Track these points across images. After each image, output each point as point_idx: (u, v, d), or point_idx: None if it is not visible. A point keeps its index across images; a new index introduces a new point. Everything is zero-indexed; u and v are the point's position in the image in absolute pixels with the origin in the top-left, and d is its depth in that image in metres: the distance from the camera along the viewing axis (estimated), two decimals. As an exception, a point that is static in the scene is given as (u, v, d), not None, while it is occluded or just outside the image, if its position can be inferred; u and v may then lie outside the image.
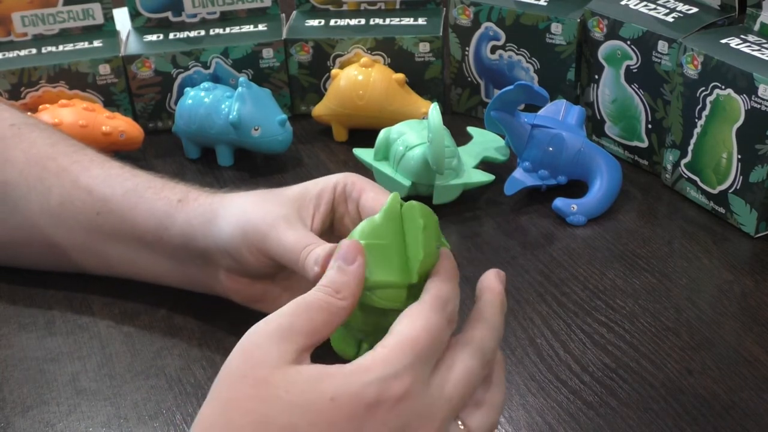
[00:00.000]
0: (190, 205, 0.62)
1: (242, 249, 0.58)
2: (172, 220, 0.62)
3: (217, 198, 0.62)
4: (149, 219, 0.63)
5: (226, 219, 0.59)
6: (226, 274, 0.62)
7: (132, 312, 0.67)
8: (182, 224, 0.62)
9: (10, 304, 0.68)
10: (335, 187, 0.58)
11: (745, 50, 0.73)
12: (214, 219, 0.60)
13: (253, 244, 0.57)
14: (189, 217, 0.62)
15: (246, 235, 0.58)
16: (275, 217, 0.57)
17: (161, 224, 0.63)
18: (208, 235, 0.60)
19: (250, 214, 0.58)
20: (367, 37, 0.90)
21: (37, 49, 0.90)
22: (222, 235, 0.59)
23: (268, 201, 0.59)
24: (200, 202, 0.62)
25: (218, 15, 0.94)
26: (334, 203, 0.58)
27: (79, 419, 0.58)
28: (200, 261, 0.62)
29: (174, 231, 0.62)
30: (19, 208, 0.67)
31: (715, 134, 0.75)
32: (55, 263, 0.69)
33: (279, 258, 0.56)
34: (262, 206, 0.58)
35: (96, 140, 0.83)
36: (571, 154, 0.78)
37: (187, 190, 0.64)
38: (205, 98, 0.84)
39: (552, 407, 0.58)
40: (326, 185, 0.59)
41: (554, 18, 0.84)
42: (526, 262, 0.72)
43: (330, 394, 0.42)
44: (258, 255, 0.58)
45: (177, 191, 0.64)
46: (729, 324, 0.65)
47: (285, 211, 0.57)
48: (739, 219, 0.75)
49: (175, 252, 0.63)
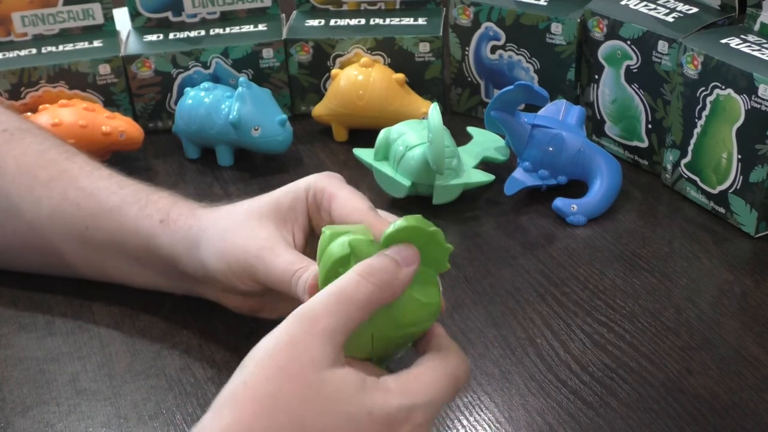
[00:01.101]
0: (170, 228, 0.61)
1: (230, 278, 0.58)
2: (157, 241, 0.62)
3: (196, 220, 0.61)
4: (136, 239, 0.63)
5: (208, 249, 0.59)
6: (220, 293, 0.62)
7: (132, 312, 0.67)
8: (167, 246, 0.61)
9: (10, 304, 0.68)
10: (306, 195, 0.58)
11: (745, 50, 0.73)
12: (196, 245, 0.59)
13: (241, 275, 0.57)
14: (172, 240, 0.61)
15: (231, 267, 0.57)
16: (258, 247, 0.56)
17: (148, 245, 0.62)
18: (193, 259, 0.60)
19: (231, 246, 0.57)
20: (367, 37, 0.90)
21: (37, 49, 0.90)
22: (207, 265, 0.59)
23: (246, 224, 0.58)
24: (180, 225, 0.61)
25: (218, 15, 0.94)
26: (309, 213, 0.58)
27: (79, 419, 0.58)
28: (192, 279, 0.62)
29: (161, 252, 0.62)
30: (13, 215, 0.67)
31: (715, 134, 0.75)
32: (53, 268, 0.69)
33: (270, 285, 0.56)
34: (241, 232, 0.57)
35: (96, 140, 0.83)
36: (571, 154, 0.78)
37: (169, 208, 0.62)
38: (205, 98, 0.84)
39: (552, 407, 0.58)
40: (297, 195, 0.58)
41: (554, 18, 0.84)
42: (526, 262, 0.72)
43: (369, 409, 0.45)
44: (247, 282, 0.57)
45: (160, 207, 0.62)
46: (729, 324, 0.65)
47: (266, 234, 0.57)
48: (739, 219, 0.75)
49: (166, 269, 0.63)
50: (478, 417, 0.58)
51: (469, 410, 0.58)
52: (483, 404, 0.58)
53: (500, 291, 0.69)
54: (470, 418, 0.57)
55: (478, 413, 0.58)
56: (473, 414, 0.58)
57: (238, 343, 0.63)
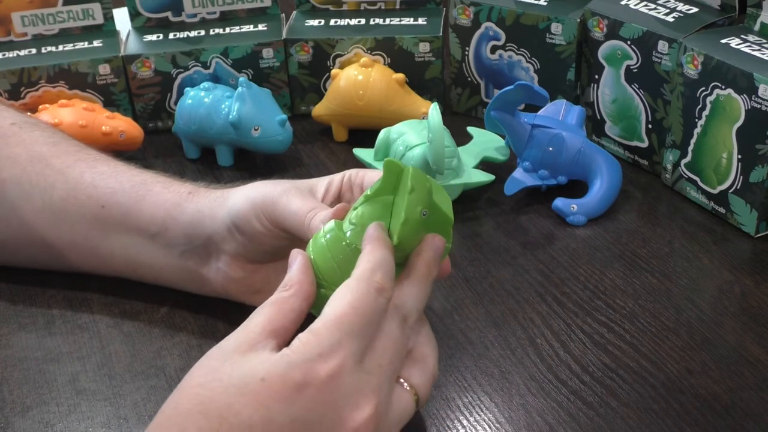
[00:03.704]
0: (201, 195, 0.64)
1: (251, 217, 0.59)
2: (181, 209, 0.63)
3: (228, 189, 0.63)
4: (157, 209, 0.64)
5: (236, 195, 0.61)
6: (229, 261, 0.62)
7: (132, 312, 0.67)
8: (191, 212, 0.63)
9: (10, 304, 0.68)
10: (342, 178, 0.60)
11: (745, 50, 0.73)
12: (224, 202, 0.62)
13: (263, 210, 0.59)
14: (199, 206, 0.63)
15: (255, 203, 0.59)
16: (286, 188, 0.59)
17: (169, 214, 0.64)
18: (216, 218, 0.61)
19: (261, 187, 0.60)
20: (367, 37, 0.90)
21: (37, 49, 0.90)
22: (230, 212, 0.61)
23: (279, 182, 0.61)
24: (210, 192, 0.64)
25: (218, 15, 0.94)
26: (341, 192, 0.60)
27: (78, 419, 0.58)
28: (202, 251, 0.63)
29: (182, 219, 0.63)
30: (19, 206, 0.67)
31: (715, 134, 0.75)
32: (53, 263, 0.69)
33: (285, 223, 0.58)
34: (273, 183, 0.60)
35: (96, 140, 0.83)
36: (571, 154, 0.78)
37: (197, 185, 0.65)
38: (205, 98, 0.84)
39: (552, 407, 0.58)
40: (334, 177, 0.61)
41: (554, 18, 0.84)
42: (526, 262, 0.72)
43: (261, 375, 0.45)
44: (266, 223, 0.59)
45: (187, 186, 0.65)
46: (729, 324, 0.65)
47: (296, 186, 0.59)
48: (739, 219, 0.75)
49: (177, 243, 0.64)
50: (478, 417, 0.58)
51: (469, 410, 0.58)
52: (483, 404, 0.58)
53: (500, 291, 0.69)
54: (470, 418, 0.57)
55: (478, 413, 0.58)
56: (473, 414, 0.58)
57: (238, 343, 0.63)
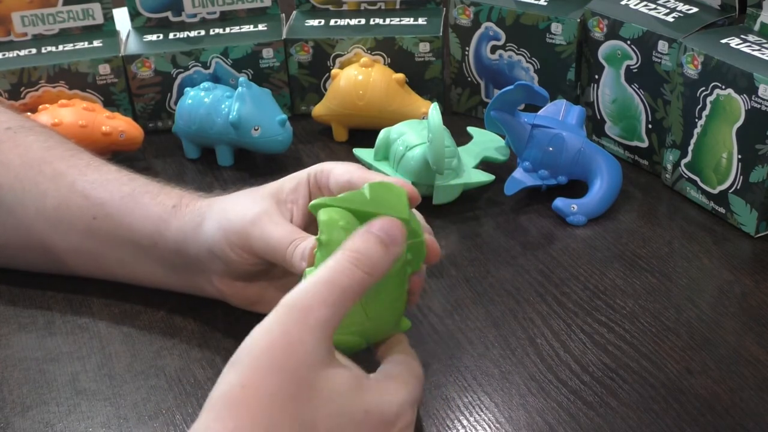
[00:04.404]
0: (182, 211, 0.62)
1: (225, 249, 0.59)
2: (167, 225, 0.63)
3: (206, 203, 0.62)
4: (145, 223, 0.63)
5: (209, 222, 0.60)
6: (219, 279, 0.62)
7: (132, 312, 0.67)
8: (175, 231, 0.62)
9: (10, 304, 0.68)
10: (308, 179, 0.60)
11: (746, 50, 0.73)
12: (201, 224, 0.61)
13: (236, 243, 0.58)
14: (181, 224, 0.62)
15: (227, 235, 0.58)
16: (255, 214, 0.58)
17: (156, 229, 0.63)
18: (197, 240, 0.61)
19: (230, 214, 0.59)
20: (367, 37, 0.90)
21: (37, 49, 0.90)
22: (206, 238, 0.60)
23: (245, 199, 0.60)
24: (191, 208, 0.62)
25: (218, 15, 0.94)
26: (311, 195, 0.60)
27: (78, 419, 0.58)
28: (194, 268, 0.63)
29: (169, 236, 0.62)
30: (15, 211, 0.67)
31: (715, 134, 0.75)
32: (52, 267, 0.69)
33: (264, 254, 0.57)
34: (240, 205, 0.59)
35: (96, 140, 0.83)
36: (571, 154, 0.78)
37: (182, 195, 0.64)
38: (205, 98, 0.84)
39: (552, 407, 0.58)
40: (300, 180, 0.60)
41: (554, 18, 0.84)
42: (526, 262, 0.72)
43: (365, 407, 0.46)
44: (242, 253, 0.58)
45: (173, 196, 0.64)
46: (729, 324, 0.65)
47: (264, 207, 0.58)
48: (739, 219, 0.75)
49: (169, 258, 0.63)
50: (478, 417, 0.58)
51: (469, 410, 0.58)
52: (483, 404, 0.58)
53: (500, 291, 0.69)
54: (470, 418, 0.57)
55: (478, 413, 0.58)
56: (473, 414, 0.58)
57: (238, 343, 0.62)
